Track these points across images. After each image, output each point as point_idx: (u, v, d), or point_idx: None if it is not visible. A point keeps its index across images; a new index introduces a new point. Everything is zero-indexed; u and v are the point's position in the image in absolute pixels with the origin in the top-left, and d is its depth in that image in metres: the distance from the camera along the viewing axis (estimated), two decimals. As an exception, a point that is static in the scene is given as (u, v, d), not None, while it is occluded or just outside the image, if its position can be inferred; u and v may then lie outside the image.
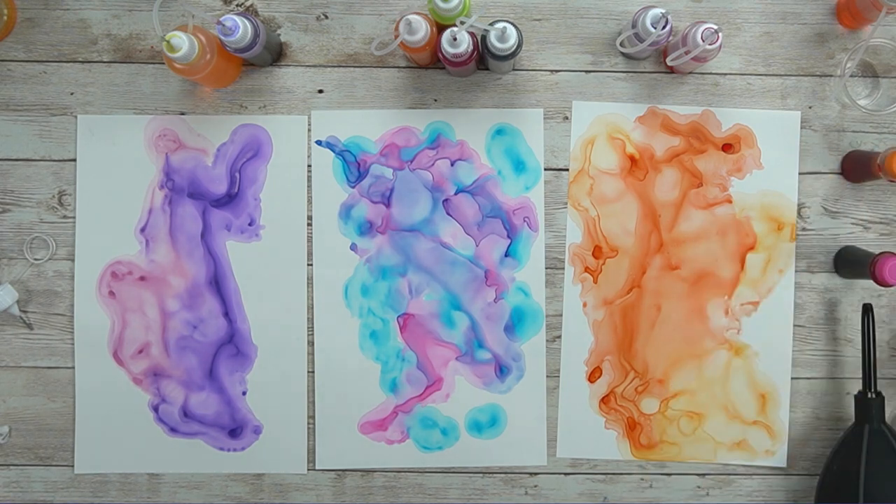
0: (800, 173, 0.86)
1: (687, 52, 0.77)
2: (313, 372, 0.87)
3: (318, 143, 0.86)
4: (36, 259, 0.87)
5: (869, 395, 0.81)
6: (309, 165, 0.86)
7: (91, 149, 0.86)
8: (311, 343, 0.86)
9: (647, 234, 0.86)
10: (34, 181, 0.86)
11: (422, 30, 0.76)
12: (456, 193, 0.86)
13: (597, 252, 0.86)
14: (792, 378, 0.87)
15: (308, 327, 0.86)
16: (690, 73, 0.86)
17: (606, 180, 0.86)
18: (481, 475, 0.87)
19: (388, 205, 0.86)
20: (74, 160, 0.86)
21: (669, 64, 0.81)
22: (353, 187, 0.86)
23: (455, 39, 0.76)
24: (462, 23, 0.74)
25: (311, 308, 0.86)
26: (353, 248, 0.86)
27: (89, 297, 0.86)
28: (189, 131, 0.86)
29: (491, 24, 0.76)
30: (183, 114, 0.86)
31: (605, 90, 0.86)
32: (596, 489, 0.87)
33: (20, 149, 0.86)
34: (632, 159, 0.86)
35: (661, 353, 0.86)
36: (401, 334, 0.86)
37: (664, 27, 0.76)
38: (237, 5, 0.86)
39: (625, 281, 0.86)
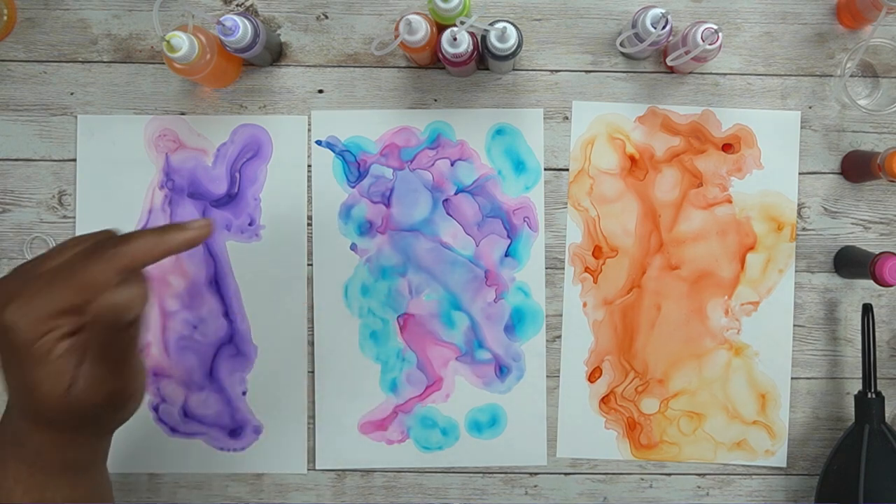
0: (800, 173, 0.86)
1: (687, 52, 0.77)
2: (313, 372, 0.87)
3: (318, 143, 0.86)
4: (36, 259, 0.87)
5: (869, 395, 0.81)
6: (309, 165, 0.86)
7: (91, 149, 0.86)
8: (311, 343, 0.86)
9: (647, 234, 0.86)
10: (34, 181, 0.86)
11: (422, 30, 0.76)
12: (456, 193, 0.86)
13: (597, 252, 0.86)
14: (792, 378, 0.87)
15: (308, 327, 0.86)
16: (690, 73, 0.86)
17: (606, 180, 0.86)
18: (481, 475, 0.87)
19: (388, 205, 0.86)
20: (74, 160, 0.86)
21: (669, 64, 0.81)
22: (353, 187, 0.86)
23: (455, 39, 0.75)
24: (462, 23, 0.74)
25: (311, 308, 0.86)
26: (353, 248, 0.86)
27: (89, 297, 0.86)
28: (189, 131, 0.86)
29: (491, 24, 0.76)
30: (183, 114, 0.86)
31: (605, 90, 0.86)
32: (596, 489, 0.87)
33: (20, 149, 0.86)
34: (632, 159, 0.86)
35: (661, 353, 0.86)
36: (401, 334, 0.86)
37: (664, 27, 0.76)
38: (237, 5, 0.86)
39: (625, 281, 0.86)
